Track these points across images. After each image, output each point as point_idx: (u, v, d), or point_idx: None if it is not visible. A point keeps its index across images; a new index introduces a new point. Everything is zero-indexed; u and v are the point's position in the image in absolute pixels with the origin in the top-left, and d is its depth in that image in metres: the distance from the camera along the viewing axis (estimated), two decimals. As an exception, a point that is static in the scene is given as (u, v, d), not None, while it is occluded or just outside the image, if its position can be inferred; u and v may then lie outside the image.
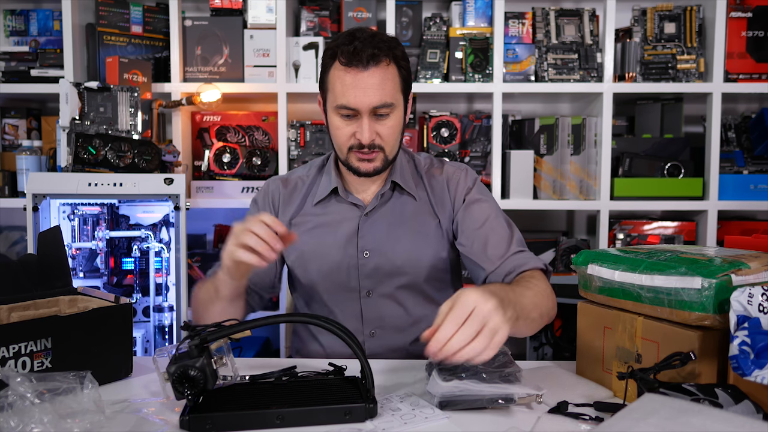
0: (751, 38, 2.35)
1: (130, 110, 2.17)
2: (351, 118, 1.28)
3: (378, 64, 1.25)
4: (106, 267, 2.18)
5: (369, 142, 1.27)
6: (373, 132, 1.27)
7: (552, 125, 2.40)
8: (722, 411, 0.80)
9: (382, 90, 1.25)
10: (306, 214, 1.41)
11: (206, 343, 0.99)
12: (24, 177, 2.29)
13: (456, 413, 1.00)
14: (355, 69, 1.24)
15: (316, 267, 1.39)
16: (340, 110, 1.27)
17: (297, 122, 2.44)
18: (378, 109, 1.26)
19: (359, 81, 1.24)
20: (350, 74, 1.24)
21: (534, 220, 2.69)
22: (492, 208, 1.39)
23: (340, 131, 1.30)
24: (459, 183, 1.41)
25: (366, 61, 1.23)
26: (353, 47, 1.23)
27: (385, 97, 1.26)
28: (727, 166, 2.39)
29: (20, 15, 2.53)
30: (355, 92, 1.24)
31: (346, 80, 1.25)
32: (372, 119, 1.27)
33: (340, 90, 1.26)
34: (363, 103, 1.25)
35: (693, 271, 0.96)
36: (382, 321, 1.39)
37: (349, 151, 1.30)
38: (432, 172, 1.43)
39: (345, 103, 1.25)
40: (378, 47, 1.24)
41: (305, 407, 0.97)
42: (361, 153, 1.29)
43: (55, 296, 1.24)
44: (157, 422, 0.98)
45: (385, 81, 1.26)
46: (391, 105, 1.27)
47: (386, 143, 1.30)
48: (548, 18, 2.41)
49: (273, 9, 2.37)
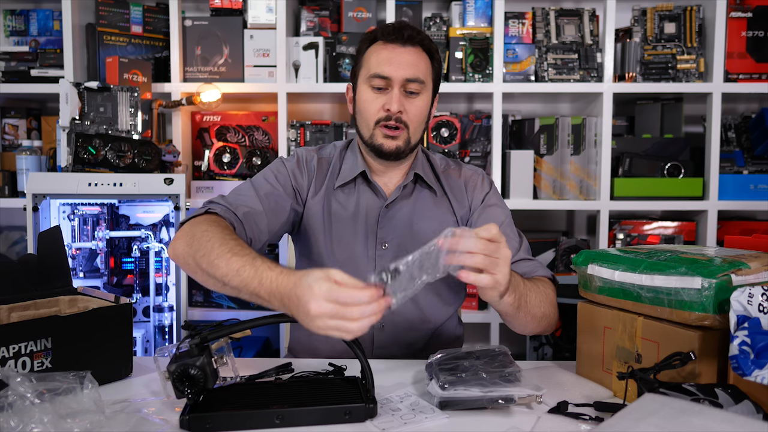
0: (751, 38, 2.35)
1: (130, 110, 2.17)
2: (382, 91, 1.31)
3: (414, 45, 1.31)
4: (106, 267, 2.18)
5: (396, 112, 1.30)
6: (402, 104, 1.30)
7: (552, 125, 2.40)
8: (722, 411, 0.80)
9: (416, 66, 1.31)
10: (328, 197, 1.41)
11: (207, 343, 0.99)
12: (24, 177, 2.29)
13: (456, 413, 1.00)
14: (393, 44, 1.31)
15: (334, 255, 1.38)
16: (372, 80, 1.31)
17: (297, 122, 2.44)
18: (409, 83, 1.30)
19: (396, 54, 1.30)
20: (388, 48, 1.31)
21: (534, 220, 2.69)
22: (505, 214, 1.42)
23: (369, 103, 1.32)
24: (477, 186, 1.44)
25: (405, 39, 1.30)
26: (393, 26, 1.32)
27: (417, 73, 1.30)
28: (727, 166, 2.39)
29: (20, 15, 2.53)
30: (390, 63, 1.29)
31: (382, 54, 1.31)
32: (402, 93, 1.31)
33: (375, 62, 1.31)
34: (397, 74, 1.29)
35: (693, 271, 0.96)
36: (394, 315, 1.38)
37: (375, 125, 1.32)
38: (449, 173, 1.46)
39: (379, 71, 1.29)
40: (418, 32, 1.32)
41: (305, 407, 0.97)
42: (387, 128, 1.31)
43: (55, 296, 1.24)
44: (157, 422, 0.98)
45: (420, 60, 1.32)
46: (422, 82, 1.32)
47: (411, 122, 1.32)
48: (548, 18, 2.41)
49: (273, 9, 2.38)
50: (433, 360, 1.10)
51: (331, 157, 1.44)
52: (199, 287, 2.44)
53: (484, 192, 1.44)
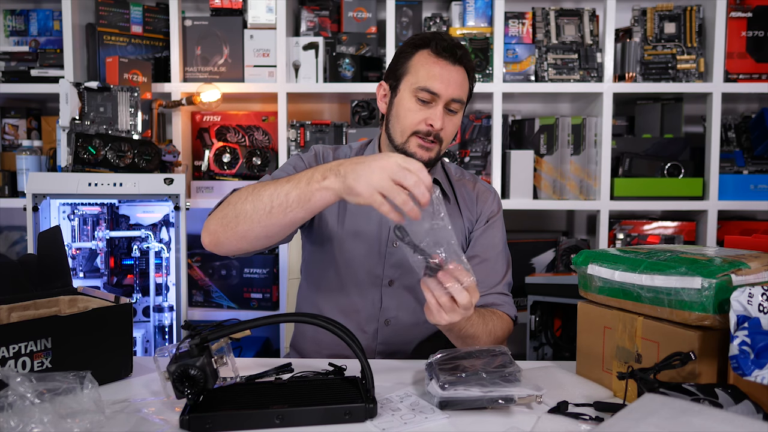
0: (751, 38, 2.35)
1: (130, 110, 2.17)
2: (426, 104, 1.33)
3: (462, 65, 1.35)
4: (106, 267, 2.18)
5: (438, 130, 1.32)
6: (443, 122, 1.33)
7: (552, 125, 2.40)
8: (722, 411, 0.80)
9: (462, 87, 1.35)
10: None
11: (207, 343, 0.99)
12: (24, 177, 2.29)
13: (456, 413, 1.00)
14: (445, 61, 1.32)
15: (345, 249, 1.40)
16: (419, 92, 1.32)
17: (297, 122, 2.44)
18: (453, 103, 1.33)
19: (447, 72, 1.32)
20: (440, 64, 1.32)
21: (534, 220, 2.69)
22: (503, 240, 1.48)
23: (411, 113, 1.33)
24: (488, 202, 1.48)
25: (457, 58, 1.33)
26: (447, 44, 1.33)
27: (462, 94, 1.35)
28: (727, 166, 2.39)
29: (20, 15, 2.53)
30: (441, 80, 1.31)
31: (434, 68, 1.32)
32: (444, 110, 1.33)
33: (426, 74, 1.32)
34: (446, 92, 1.32)
35: (693, 271, 0.96)
36: (399, 311, 1.42)
37: (411, 135, 1.34)
38: (464, 182, 1.50)
39: (429, 86, 1.31)
40: (467, 53, 1.36)
41: (305, 407, 0.97)
42: (424, 140, 1.33)
43: (55, 296, 1.23)
44: (157, 422, 0.98)
45: (464, 81, 1.36)
46: (464, 103, 1.37)
47: (446, 138, 1.36)
48: (548, 18, 2.41)
49: (273, 9, 2.37)
50: (433, 360, 1.10)
51: (347, 156, 1.46)
52: (199, 287, 2.44)
53: (492, 211, 1.48)
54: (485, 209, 1.47)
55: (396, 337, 1.42)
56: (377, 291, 1.41)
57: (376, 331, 1.41)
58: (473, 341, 1.27)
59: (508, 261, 1.47)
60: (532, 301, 2.18)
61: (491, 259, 1.43)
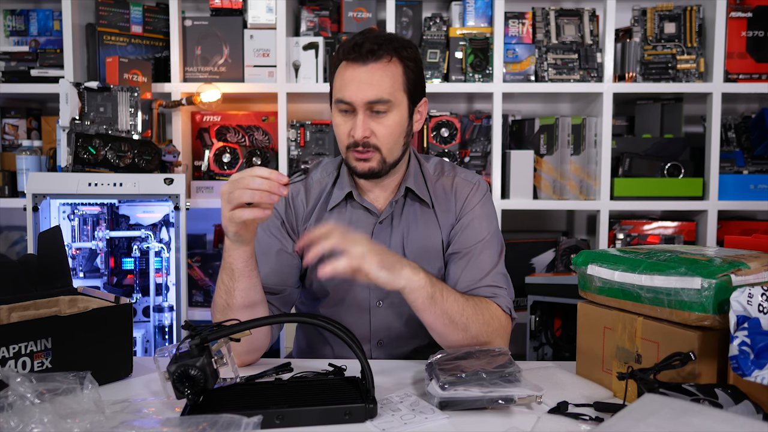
0: (751, 38, 2.35)
1: (130, 110, 2.17)
2: (348, 114, 1.26)
3: (378, 59, 1.23)
4: (106, 267, 2.18)
5: (361, 138, 1.24)
6: (367, 129, 1.24)
7: (552, 125, 2.40)
8: (722, 411, 0.80)
9: (379, 86, 1.23)
10: (320, 219, 1.38)
11: (206, 343, 0.99)
12: (24, 177, 2.29)
13: (456, 413, 1.00)
14: (354, 63, 1.24)
15: (331, 285, 1.36)
16: (338, 105, 1.26)
17: (297, 122, 2.44)
18: (374, 105, 1.23)
19: (356, 75, 1.23)
20: (349, 69, 1.24)
21: (534, 220, 2.69)
22: (487, 230, 1.36)
23: (338, 128, 1.28)
24: (468, 196, 1.38)
25: (365, 56, 1.23)
26: (354, 42, 1.24)
27: (381, 93, 1.23)
28: (727, 166, 2.39)
29: (20, 15, 2.53)
30: (350, 86, 1.23)
31: (345, 75, 1.25)
32: (367, 116, 1.24)
33: (339, 85, 1.26)
34: (357, 97, 1.23)
35: (693, 272, 0.96)
36: (390, 331, 1.38)
37: (347, 150, 1.28)
38: (442, 181, 1.40)
39: (341, 96, 1.25)
40: (379, 43, 1.23)
41: (305, 407, 0.97)
42: (357, 152, 1.26)
43: (55, 296, 1.23)
44: (157, 422, 0.98)
45: (384, 77, 1.24)
46: (387, 102, 1.24)
47: (382, 143, 1.26)
48: (548, 18, 2.41)
49: (273, 9, 2.37)
50: (433, 360, 1.10)
51: (323, 180, 1.40)
52: (199, 287, 2.44)
53: (473, 204, 1.37)
54: (465, 204, 1.37)
55: (390, 355, 1.38)
56: (365, 314, 1.37)
57: (369, 353, 1.38)
58: (458, 314, 1.19)
59: (498, 251, 1.35)
60: (532, 301, 2.18)
61: (473, 252, 1.32)
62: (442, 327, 1.19)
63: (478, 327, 1.21)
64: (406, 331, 1.38)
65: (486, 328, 1.22)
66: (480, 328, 1.21)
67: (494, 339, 1.24)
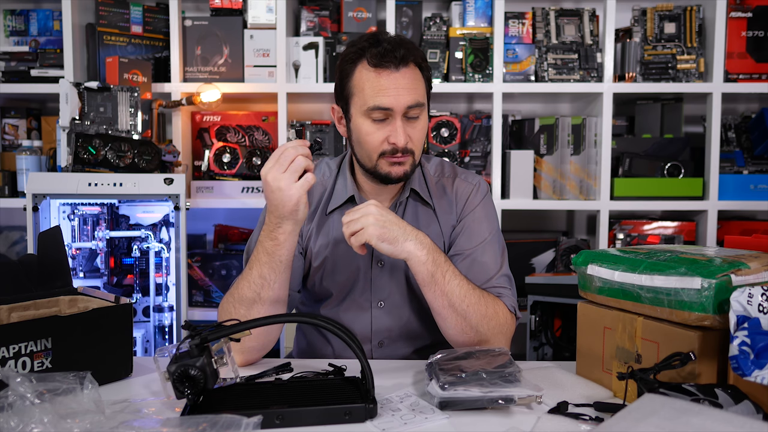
0: (751, 38, 2.35)
1: (130, 110, 2.17)
2: (382, 122, 1.24)
3: (407, 64, 1.24)
4: (106, 267, 2.18)
5: (404, 145, 1.24)
6: (407, 135, 1.24)
7: (552, 125, 2.40)
8: (722, 411, 0.80)
9: (415, 90, 1.24)
10: (323, 222, 1.38)
11: (206, 343, 0.99)
12: (24, 177, 2.29)
13: (456, 414, 1.00)
14: (387, 70, 1.22)
15: (332, 277, 1.37)
16: (371, 113, 1.24)
17: (297, 122, 2.44)
18: (411, 110, 1.24)
19: (393, 81, 1.22)
20: (382, 75, 1.22)
21: (534, 220, 2.69)
22: (489, 231, 1.36)
23: (371, 137, 1.25)
24: (469, 198, 1.38)
25: (398, 62, 1.22)
26: (382, 49, 1.22)
27: (417, 97, 1.24)
28: (727, 166, 2.39)
29: (20, 15, 2.53)
30: (388, 93, 1.22)
31: (378, 82, 1.22)
32: (404, 121, 1.24)
33: (372, 91, 1.23)
34: (398, 103, 1.22)
35: (693, 272, 0.96)
36: (391, 332, 1.38)
37: (379, 157, 1.26)
38: (443, 182, 1.41)
39: (379, 104, 1.22)
40: (406, 48, 1.24)
41: (305, 407, 0.97)
42: (394, 157, 1.25)
43: (55, 296, 1.23)
44: (157, 422, 0.98)
45: (416, 81, 1.25)
46: (422, 105, 1.26)
47: (416, 147, 1.27)
48: (548, 18, 2.41)
49: (273, 9, 2.37)
50: (433, 360, 1.10)
51: (324, 181, 1.40)
52: (199, 287, 2.44)
53: (471, 204, 1.38)
54: (466, 205, 1.37)
55: (391, 356, 1.38)
56: (367, 314, 1.37)
57: (370, 353, 1.38)
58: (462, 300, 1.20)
59: (500, 251, 1.35)
60: (532, 301, 2.18)
61: (476, 253, 1.33)
62: (441, 308, 1.22)
63: (479, 318, 1.21)
64: (407, 333, 1.39)
65: (488, 321, 1.23)
66: (481, 320, 1.22)
67: (496, 335, 1.24)
